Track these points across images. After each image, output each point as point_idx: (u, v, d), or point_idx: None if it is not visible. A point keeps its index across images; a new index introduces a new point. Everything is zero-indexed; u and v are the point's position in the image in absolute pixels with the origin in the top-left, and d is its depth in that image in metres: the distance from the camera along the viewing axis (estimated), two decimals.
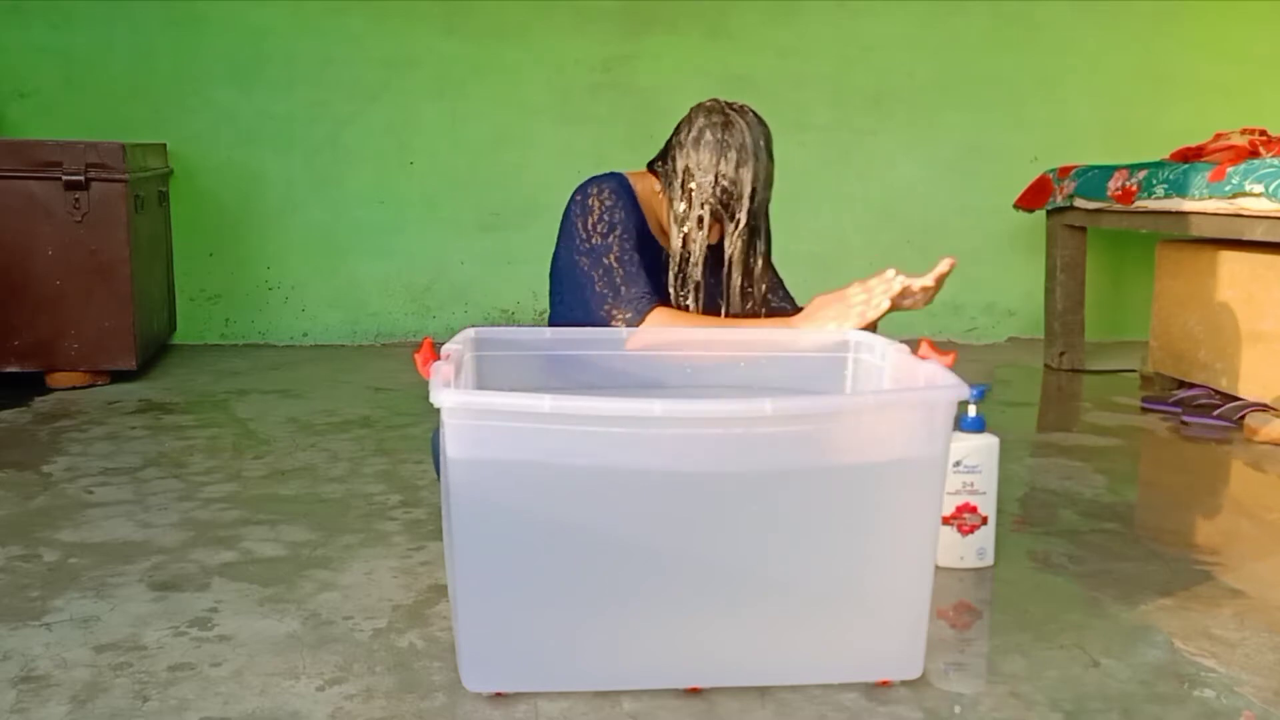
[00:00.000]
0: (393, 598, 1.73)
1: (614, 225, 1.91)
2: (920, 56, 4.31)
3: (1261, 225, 2.82)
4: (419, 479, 2.39)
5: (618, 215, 1.92)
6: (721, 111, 1.90)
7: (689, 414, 1.31)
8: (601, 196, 1.94)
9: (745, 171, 1.87)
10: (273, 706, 1.38)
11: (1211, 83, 4.38)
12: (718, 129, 1.88)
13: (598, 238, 1.91)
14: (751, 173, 1.87)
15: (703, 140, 1.88)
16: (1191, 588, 1.82)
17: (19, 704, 1.38)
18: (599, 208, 1.93)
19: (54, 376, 3.29)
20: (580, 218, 1.94)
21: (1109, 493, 2.38)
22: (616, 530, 1.36)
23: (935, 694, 1.43)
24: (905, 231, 4.36)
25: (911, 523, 1.42)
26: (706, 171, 1.87)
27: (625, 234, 1.91)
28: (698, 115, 1.91)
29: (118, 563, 1.87)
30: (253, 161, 4.09)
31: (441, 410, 1.31)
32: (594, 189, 1.96)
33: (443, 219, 4.18)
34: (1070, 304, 3.81)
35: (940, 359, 1.53)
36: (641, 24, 4.17)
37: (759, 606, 1.40)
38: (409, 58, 4.12)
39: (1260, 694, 1.45)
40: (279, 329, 4.18)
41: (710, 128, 1.88)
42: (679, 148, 1.91)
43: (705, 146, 1.88)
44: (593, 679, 1.41)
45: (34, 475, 2.40)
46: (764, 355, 1.80)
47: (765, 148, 1.90)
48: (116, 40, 3.98)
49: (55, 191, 3.24)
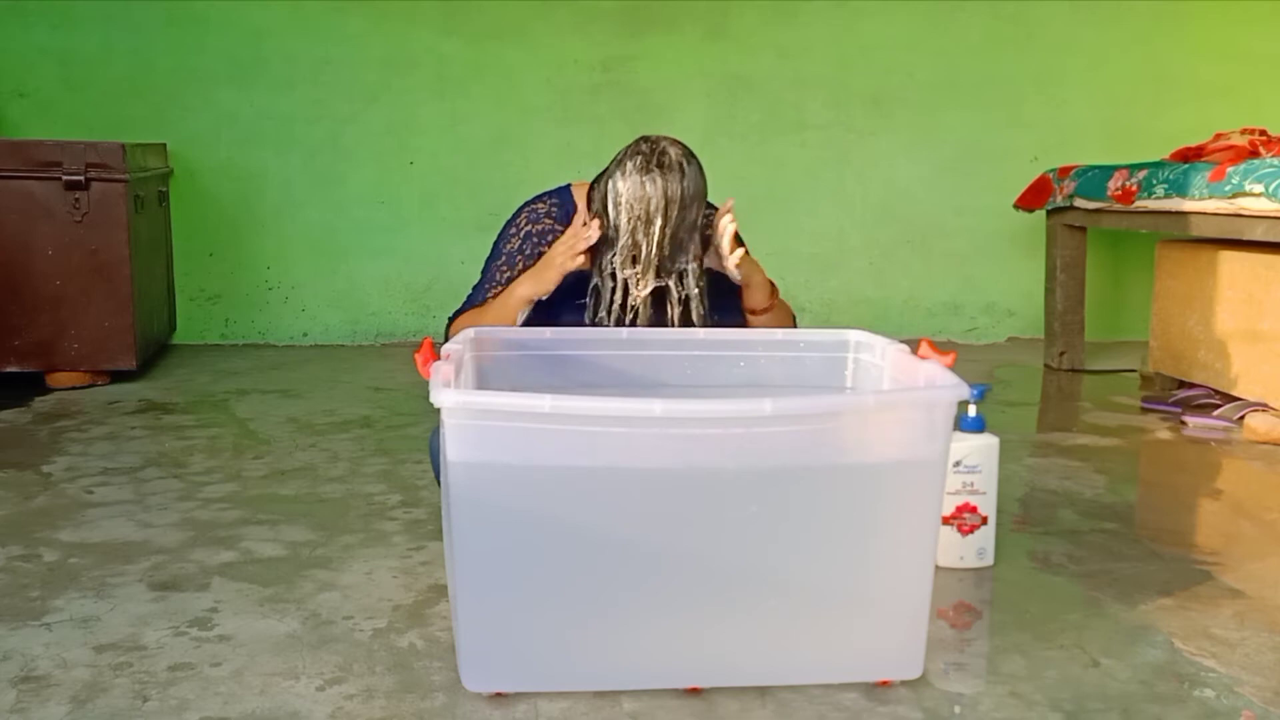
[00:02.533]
0: (393, 598, 1.73)
1: (501, 254, 2.03)
2: (920, 57, 4.31)
3: (1261, 225, 2.82)
4: (419, 479, 2.39)
5: (513, 245, 2.02)
6: (640, 152, 1.87)
7: (689, 414, 1.31)
8: (520, 224, 2.04)
9: (645, 206, 1.83)
10: (273, 706, 1.38)
11: (1211, 83, 4.38)
12: (632, 166, 1.85)
13: (493, 264, 2.03)
14: (654, 215, 1.84)
15: (617, 174, 1.86)
16: (1191, 588, 1.82)
17: (19, 704, 1.38)
18: (513, 235, 2.03)
19: (54, 376, 3.29)
20: (500, 233, 2.07)
21: (1109, 493, 2.38)
22: (616, 530, 1.36)
23: (935, 694, 1.43)
24: (905, 231, 4.36)
25: (911, 523, 1.42)
26: (617, 205, 1.86)
27: (508, 268, 2.01)
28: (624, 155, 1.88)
29: (118, 563, 1.87)
30: (253, 161, 4.09)
31: (441, 410, 1.31)
32: (525, 215, 2.05)
33: (443, 219, 4.18)
34: (1070, 304, 3.81)
35: (940, 359, 1.53)
36: (641, 24, 4.17)
37: (759, 606, 1.40)
38: (408, 58, 4.12)
39: (1260, 694, 1.45)
40: (279, 329, 4.18)
41: (626, 164, 1.86)
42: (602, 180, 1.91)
43: (617, 180, 1.86)
44: (593, 679, 1.41)
45: (34, 475, 2.40)
46: (764, 355, 1.80)
47: (678, 192, 1.84)
48: (116, 40, 3.98)
49: (55, 191, 3.24)
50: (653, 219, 1.84)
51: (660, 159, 1.84)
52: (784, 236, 4.17)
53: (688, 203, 1.85)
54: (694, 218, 1.87)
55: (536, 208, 2.04)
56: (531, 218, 2.03)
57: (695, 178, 1.86)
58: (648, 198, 1.83)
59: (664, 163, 1.84)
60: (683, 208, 1.85)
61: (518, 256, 2.00)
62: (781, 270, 2.13)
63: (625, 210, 1.84)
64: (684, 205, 1.85)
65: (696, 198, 1.87)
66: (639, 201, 1.83)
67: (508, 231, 2.04)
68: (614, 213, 1.86)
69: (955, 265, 4.39)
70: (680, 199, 1.84)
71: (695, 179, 1.86)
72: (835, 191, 4.32)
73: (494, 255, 2.05)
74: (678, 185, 1.84)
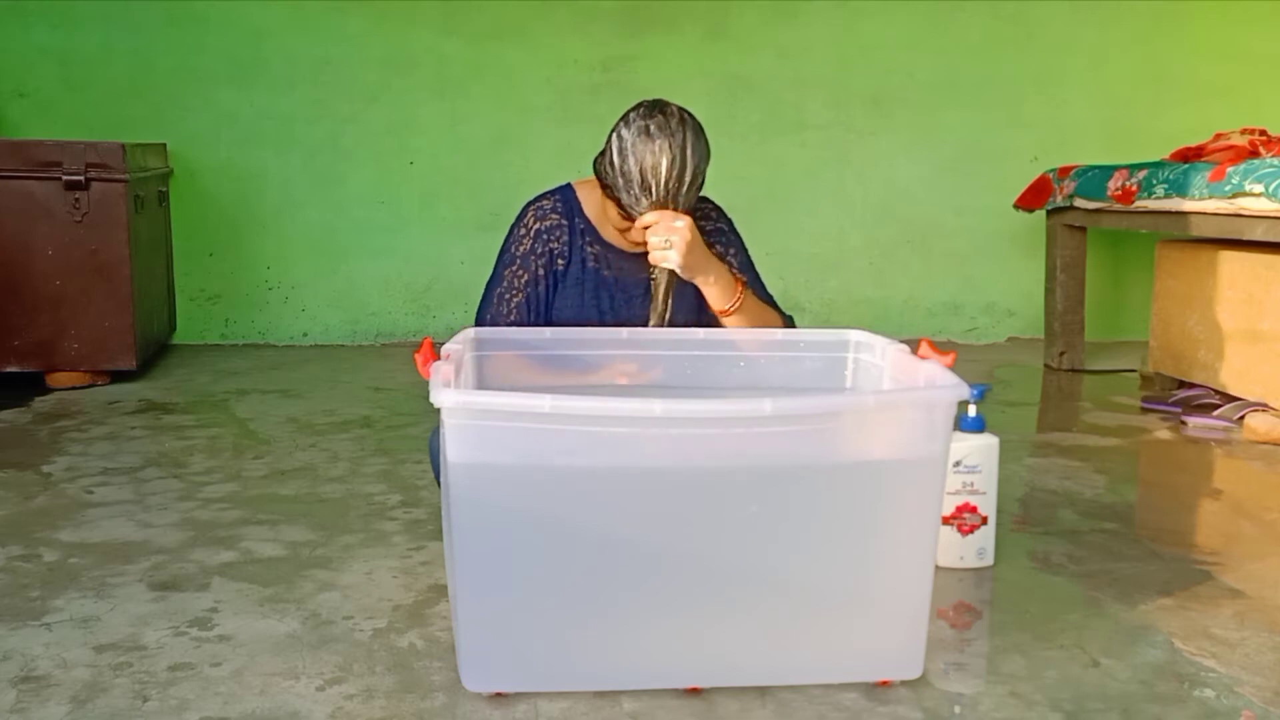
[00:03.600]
0: (393, 598, 1.73)
1: (515, 258, 2.00)
2: (920, 57, 4.31)
3: (1261, 225, 2.82)
4: (419, 479, 2.39)
5: (525, 246, 1.99)
6: (649, 111, 1.90)
7: (689, 414, 1.31)
8: (528, 223, 2.01)
9: (663, 157, 1.83)
10: (273, 706, 1.38)
11: (1211, 83, 4.38)
12: (642, 125, 1.87)
13: (506, 269, 2.00)
14: (669, 158, 1.83)
15: (625, 137, 1.87)
16: (1191, 588, 1.82)
17: (19, 704, 1.38)
18: (523, 236, 2.01)
19: (54, 376, 3.29)
20: (508, 235, 2.04)
21: (1109, 493, 2.38)
22: (616, 530, 1.36)
23: (935, 694, 1.43)
24: (905, 231, 4.36)
25: (912, 523, 1.42)
26: (628, 161, 1.85)
27: (524, 271, 1.98)
28: (631, 117, 1.90)
29: (118, 563, 1.87)
30: (253, 161, 4.09)
31: (442, 410, 1.31)
32: (532, 213, 2.03)
33: (442, 219, 4.18)
34: (1070, 304, 3.81)
35: (940, 359, 1.53)
36: (641, 24, 4.17)
37: (759, 606, 1.40)
38: (408, 58, 4.12)
39: (1260, 694, 1.45)
40: (279, 329, 4.18)
41: (633, 124, 1.88)
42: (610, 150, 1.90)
43: (629, 140, 1.86)
44: (593, 679, 1.41)
45: (34, 475, 2.40)
46: (764, 355, 1.80)
47: (688, 141, 1.85)
48: (116, 40, 3.98)
49: (55, 191, 3.24)
50: (660, 163, 1.82)
51: (662, 111, 1.87)
52: (784, 236, 4.17)
53: (695, 152, 1.85)
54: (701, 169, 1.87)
55: (542, 204, 2.03)
56: (538, 214, 2.02)
57: (697, 131, 1.87)
58: (655, 145, 1.83)
59: (666, 113, 1.87)
60: (693, 155, 1.84)
61: (531, 258, 1.98)
62: (781, 270, 2.13)
63: (634, 160, 1.83)
64: (693, 153, 1.84)
65: (701, 155, 1.86)
66: (647, 150, 1.83)
67: (516, 233, 2.02)
68: (619, 161, 1.84)
69: (955, 265, 4.39)
70: (684, 146, 1.84)
71: (697, 132, 1.87)
72: (835, 191, 4.32)
73: (505, 260, 2.01)
74: (682, 133, 1.85)
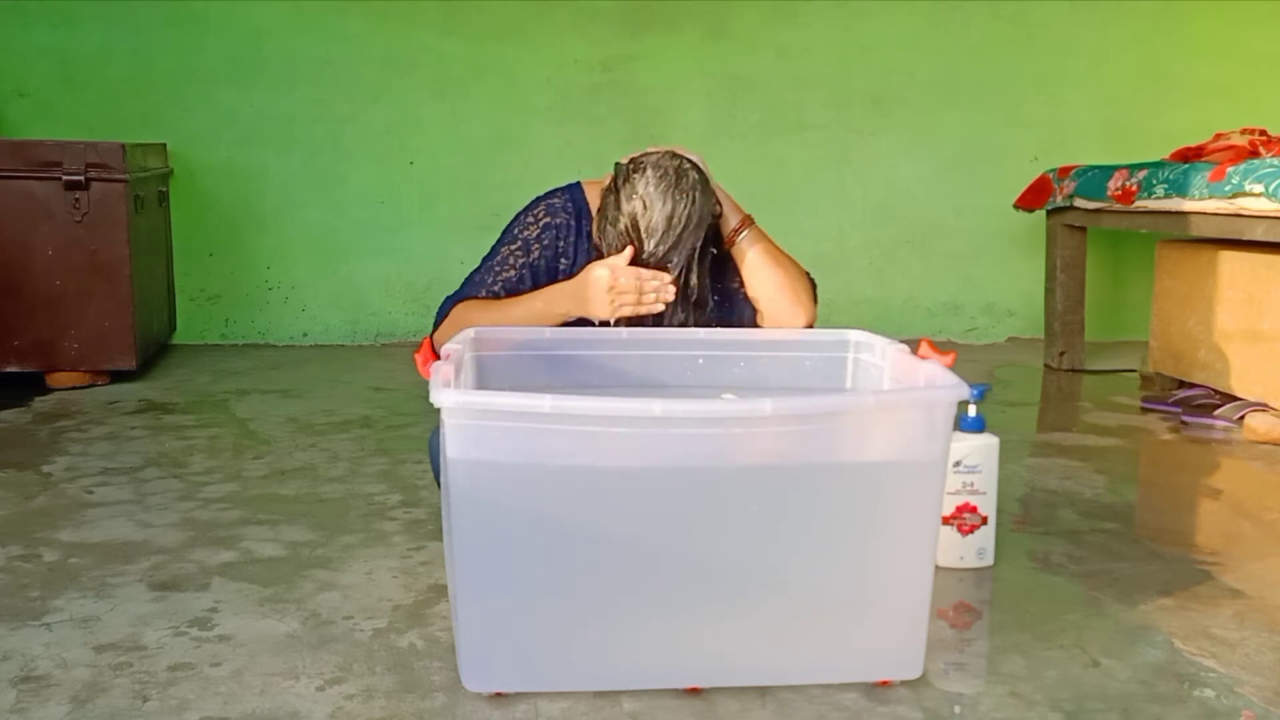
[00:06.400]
0: (393, 598, 1.73)
1: (517, 239, 1.96)
2: (920, 57, 4.31)
3: (1261, 225, 2.82)
4: (419, 479, 2.39)
5: (531, 233, 1.96)
6: (660, 169, 1.84)
7: (689, 414, 1.31)
8: (538, 215, 1.99)
9: (653, 216, 1.80)
10: (273, 706, 1.38)
11: (1211, 83, 4.38)
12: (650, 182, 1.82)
13: (505, 247, 1.97)
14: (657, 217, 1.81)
15: (625, 192, 1.83)
16: (1191, 588, 1.82)
17: (19, 704, 1.38)
18: (531, 223, 1.98)
19: (54, 376, 3.29)
20: (513, 221, 2.01)
21: (1109, 493, 2.38)
22: (616, 530, 1.36)
23: (935, 694, 1.43)
24: (905, 231, 4.36)
25: (911, 522, 1.42)
26: (614, 221, 1.83)
27: (521, 253, 1.95)
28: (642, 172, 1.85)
29: (118, 563, 1.87)
30: (253, 161, 4.09)
31: (442, 410, 1.31)
32: (544, 207, 2.00)
33: (443, 219, 4.18)
34: (1070, 304, 3.81)
35: (940, 359, 1.53)
36: (641, 24, 4.17)
37: (759, 606, 1.40)
38: (408, 58, 4.12)
39: (1260, 694, 1.45)
40: (279, 329, 4.18)
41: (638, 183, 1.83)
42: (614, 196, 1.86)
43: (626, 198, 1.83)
44: (593, 679, 1.41)
45: (34, 475, 2.40)
46: (764, 355, 1.80)
47: (676, 195, 1.81)
48: (116, 40, 3.98)
49: (55, 191, 3.24)
50: (674, 229, 1.80)
51: (677, 175, 1.82)
52: (784, 236, 4.11)
53: (703, 215, 1.84)
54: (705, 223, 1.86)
55: (553, 202, 2.00)
56: (550, 210, 1.99)
57: (703, 185, 1.85)
58: (673, 213, 1.80)
59: (681, 172, 1.82)
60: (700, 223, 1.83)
61: (534, 244, 1.95)
62: None
63: (649, 230, 1.80)
64: (700, 218, 1.83)
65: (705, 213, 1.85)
66: (664, 218, 1.80)
67: (524, 219, 1.99)
68: (636, 234, 1.81)
69: (955, 265, 4.39)
70: (698, 212, 1.83)
71: (703, 186, 1.85)
72: (835, 191, 4.32)
73: (506, 239, 1.98)
74: (696, 197, 1.82)
